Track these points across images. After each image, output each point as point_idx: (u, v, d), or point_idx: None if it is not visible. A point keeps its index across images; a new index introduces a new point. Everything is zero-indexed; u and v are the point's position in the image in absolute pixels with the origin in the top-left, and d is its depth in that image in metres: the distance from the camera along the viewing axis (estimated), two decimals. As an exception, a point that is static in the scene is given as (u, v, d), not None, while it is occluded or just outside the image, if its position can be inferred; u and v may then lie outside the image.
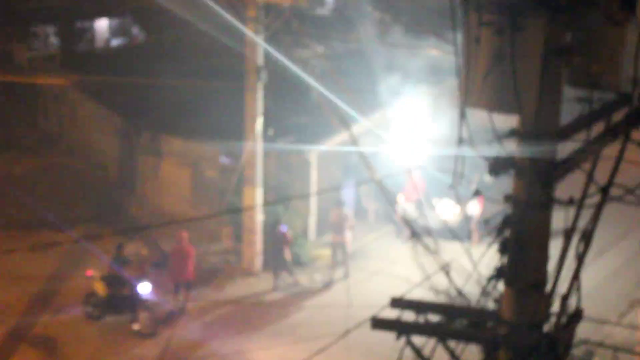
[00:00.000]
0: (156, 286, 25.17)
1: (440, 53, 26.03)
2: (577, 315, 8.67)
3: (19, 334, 24.45)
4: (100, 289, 25.10)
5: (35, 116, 40.81)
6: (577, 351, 8.62)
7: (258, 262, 28.46)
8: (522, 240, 7.71)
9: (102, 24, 48.31)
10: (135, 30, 49.97)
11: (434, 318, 8.68)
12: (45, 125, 40.43)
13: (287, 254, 27.52)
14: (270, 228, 27.91)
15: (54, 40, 45.69)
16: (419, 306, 8.74)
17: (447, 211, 28.86)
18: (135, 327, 24.84)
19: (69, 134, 38.89)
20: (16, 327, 24.75)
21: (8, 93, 40.30)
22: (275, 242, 27.63)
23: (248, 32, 26.47)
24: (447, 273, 9.18)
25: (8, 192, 32.78)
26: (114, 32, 49.64)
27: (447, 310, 8.61)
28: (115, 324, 25.25)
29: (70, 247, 27.46)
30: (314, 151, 29.88)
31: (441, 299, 8.92)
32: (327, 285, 27.66)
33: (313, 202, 29.60)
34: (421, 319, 8.72)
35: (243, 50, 26.90)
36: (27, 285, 26.94)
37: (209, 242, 29.27)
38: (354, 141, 18.39)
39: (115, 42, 49.00)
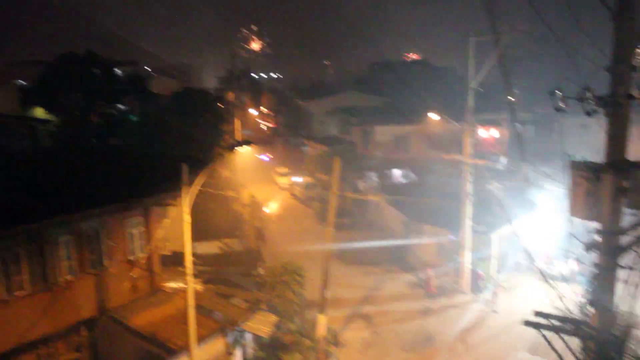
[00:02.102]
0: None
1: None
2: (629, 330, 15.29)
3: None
4: None
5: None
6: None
7: (467, 285, 45.77)
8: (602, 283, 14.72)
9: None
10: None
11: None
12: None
13: (482, 285, 45.37)
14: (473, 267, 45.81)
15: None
16: (550, 317, 15.81)
17: (564, 266, 44.20)
18: None
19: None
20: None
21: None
22: (474, 277, 45.79)
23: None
24: (562, 300, 16.11)
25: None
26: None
27: (565, 320, 15.66)
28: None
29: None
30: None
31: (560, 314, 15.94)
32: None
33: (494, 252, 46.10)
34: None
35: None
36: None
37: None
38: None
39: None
